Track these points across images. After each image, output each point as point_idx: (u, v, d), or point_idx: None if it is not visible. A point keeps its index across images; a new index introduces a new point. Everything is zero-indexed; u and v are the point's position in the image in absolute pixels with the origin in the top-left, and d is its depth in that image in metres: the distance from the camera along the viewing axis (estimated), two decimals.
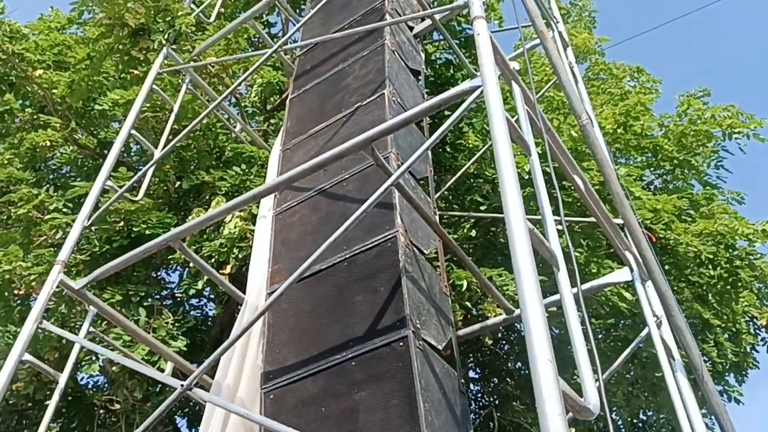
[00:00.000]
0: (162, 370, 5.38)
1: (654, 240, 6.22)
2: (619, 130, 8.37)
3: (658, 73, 10.78)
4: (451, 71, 8.04)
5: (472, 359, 8.87)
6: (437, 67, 8.13)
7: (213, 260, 6.17)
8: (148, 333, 5.60)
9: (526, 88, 3.97)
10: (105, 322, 6.03)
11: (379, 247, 4.43)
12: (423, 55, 6.88)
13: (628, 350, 4.73)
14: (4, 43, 7.80)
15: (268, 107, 9.08)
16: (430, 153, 6.02)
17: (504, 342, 8.81)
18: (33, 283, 6.83)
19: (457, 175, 6.80)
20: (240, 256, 6.11)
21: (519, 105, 3.71)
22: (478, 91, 3.60)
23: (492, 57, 3.50)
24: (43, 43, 8.32)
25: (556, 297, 3.97)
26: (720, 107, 9.10)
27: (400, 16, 6.49)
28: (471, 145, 7.67)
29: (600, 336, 7.74)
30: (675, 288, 7.81)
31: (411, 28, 6.75)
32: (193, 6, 7.07)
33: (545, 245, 2.98)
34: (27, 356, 4.33)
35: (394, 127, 4.17)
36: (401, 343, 3.86)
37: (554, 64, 4.62)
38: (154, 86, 6.34)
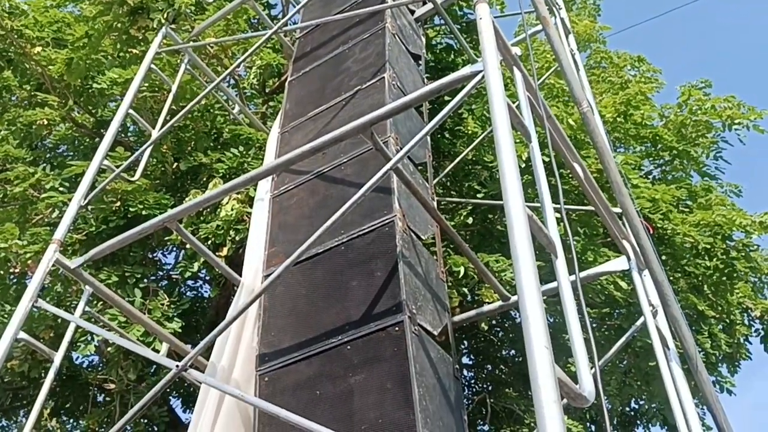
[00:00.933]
0: (157, 351, 5.38)
1: (652, 230, 6.22)
2: (619, 119, 8.34)
3: (659, 63, 10.74)
4: (452, 56, 7.99)
5: (466, 345, 8.90)
6: (438, 51, 8.08)
7: (209, 242, 6.15)
8: (144, 314, 5.59)
9: (528, 74, 3.94)
10: (101, 302, 6.02)
11: (377, 231, 4.42)
12: (424, 40, 6.83)
13: (623, 338, 4.74)
14: (3, 19, 7.73)
15: (267, 90, 9.03)
16: (429, 138, 5.99)
17: (498, 329, 8.83)
18: (29, 262, 6.81)
19: (456, 161, 6.79)
20: (237, 238, 6.09)
21: (520, 90, 3.68)
22: (479, 76, 3.57)
23: (494, 42, 3.47)
24: (42, 19, 8.24)
25: (552, 285, 3.98)
26: (720, 98, 9.07)
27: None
28: (470, 132, 7.64)
29: (594, 325, 7.76)
30: (671, 278, 7.82)
31: (412, 12, 6.70)
32: None
33: (544, 232, 2.97)
34: (22, 335, 4.33)
35: (394, 111, 4.13)
36: (397, 328, 3.86)
37: (556, 51, 4.59)
38: (153, 66, 6.28)
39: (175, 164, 7.37)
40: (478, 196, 6.77)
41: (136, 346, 4.62)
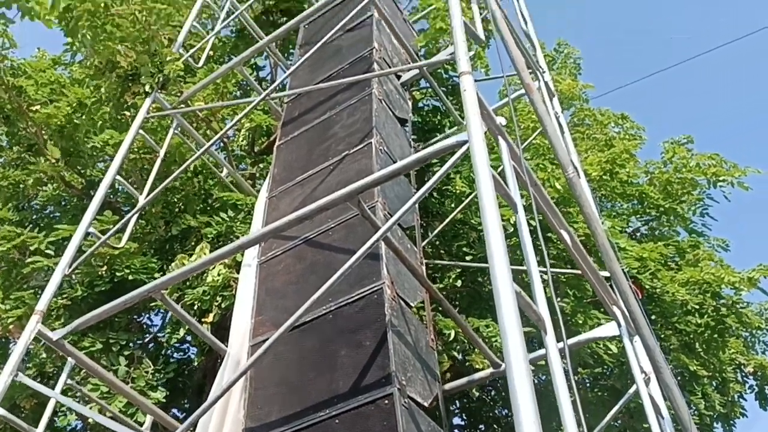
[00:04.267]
0: (141, 424, 5.24)
1: (641, 295, 6.21)
2: (605, 177, 8.43)
3: (641, 120, 10.92)
4: (438, 117, 8.09)
5: (458, 405, 8.74)
6: (424, 113, 8.18)
7: (195, 308, 6.08)
8: (128, 383, 5.46)
9: (513, 143, 3.98)
10: (84, 370, 5.89)
11: (365, 299, 4.38)
12: (410, 104, 6.93)
13: (616, 407, 4.68)
14: (6, 76, 7.82)
15: (256, 149, 9.08)
16: None
17: (491, 388, 8.70)
18: (11, 327, 6.70)
19: (444, 222, 6.79)
20: (223, 305, 6.02)
21: (506, 161, 3.72)
22: (464, 147, 3.61)
23: (478, 113, 3.52)
24: (40, 79, 8.33)
25: (542, 352, 3.93)
26: (705, 155, 9.21)
27: (389, 64, 6.55)
28: (458, 191, 7.67)
29: (587, 385, 7.67)
30: (662, 336, 7.78)
31: (399, 77, 6.81)
32: (182, 51, 7.10)
33: (533, 308, 2.95)
34: (1, 411, 4.20)
35: (381, 179, 4.16)
36: (386, 401, 3.79)
37: (540, 117, 4.64)
38: (141, 132, 6.31)
39: (164, 227, 7.33)
40: (467, 258, 6.76)
41: (115, 423, 4.49)
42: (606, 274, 4.71)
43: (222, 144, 8.26)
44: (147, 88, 6.64)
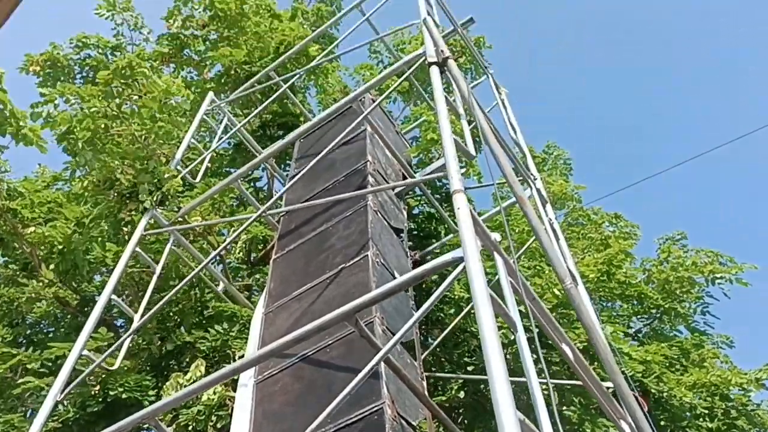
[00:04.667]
0: None
1: (647, 406, 6.06)
2: (602, 279, 8.41)
3: (634, 217, 11.06)
4: (434, 224, 8.16)
5: None
6: (420, 220, 8.25)
7: (190, 429, 5.88)
8: None
9: (508, 258, 3.99)
10: None
11: (365, 420, 4.25)
12: (405, 213, 7.00)
13: None
14: (1, 199, 7.91)
15: (253, 255, 9.09)
16: (415, 312, 5.96)
17: None
18: None
19: (445, 333, 6.71)
20: (219, 425, 5.83)
21: (503, 278, 3.71)
22: (461, 267, 3.61)
23: (473, 234, 3.54)
24: (36, 199, 8.42)
25: None
26: (701, 251, 9.24)
27: (383, 176, 6.67)
28: (457, 297, 7.64)
29: None
30: None
31: (393, 187, 6.91)
32: (180, 167, 7.23)
33: None
34: None
35: (378, 297, 4.13)
36: None
37: (534, 229, 4.68)
38: (138, 249, 6.33)
39: (160, 343, 7.22)
40: (469, 368, 6.63)
41: None
42: (610, 384, 4.61)
43: (219, 257, 8.28)
44: (146, 204, 6.72)
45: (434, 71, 5.46)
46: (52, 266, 7.70)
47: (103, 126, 6.84)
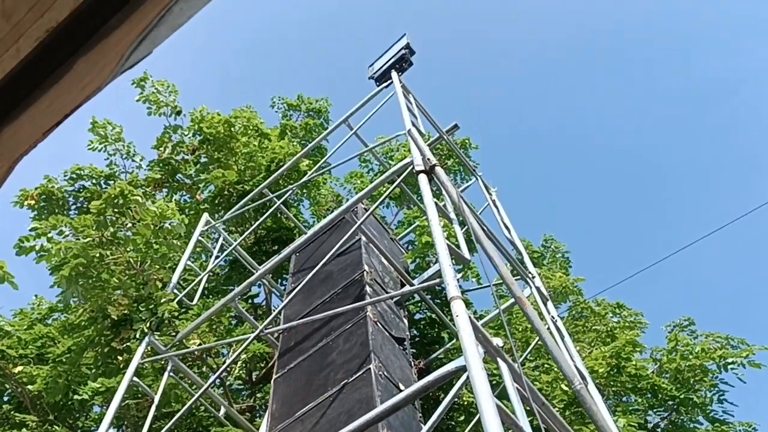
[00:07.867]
0: None
1: None
2: (612, 373, 8.18)
3: (639, 305, 10.92)
4: (436, 329, 8.03)
5: None
6: (422, 326, 8.14)
7: None
8: None
9: (512, 363, 3.89)
10: None
11: None
12: (406, 321, 6.90)
13: None
14: None
15: (254, 374, 8.86)
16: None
17: None
18: None
19: None
20: None
21: (508, 384, 3.61)
22: (464, 376, 3.51)
23: (474, 342, 3.47)
24: (26, 336, 8.29)
25: None
26: (711, 335, 9.03)
27: (380, 285, 6.62)
28: (466, 403, 7.41)
29: None
30: None
31: (391, 297, 6.85)
32: (176, 291, 7.18)
33: None
34: None
35: (384, 414, 4.01)
36: None
37: (537, 330, 4.60)
38: (136, 379, 6.17)
39: None
40: None
41: None
42: None
43: (219, 380, 8.08)
44: (139, 334, 6.60)
45: (422, 179, 5.55)
46: (45, 403, 7.47)
47: (97, 255, 6.84)
